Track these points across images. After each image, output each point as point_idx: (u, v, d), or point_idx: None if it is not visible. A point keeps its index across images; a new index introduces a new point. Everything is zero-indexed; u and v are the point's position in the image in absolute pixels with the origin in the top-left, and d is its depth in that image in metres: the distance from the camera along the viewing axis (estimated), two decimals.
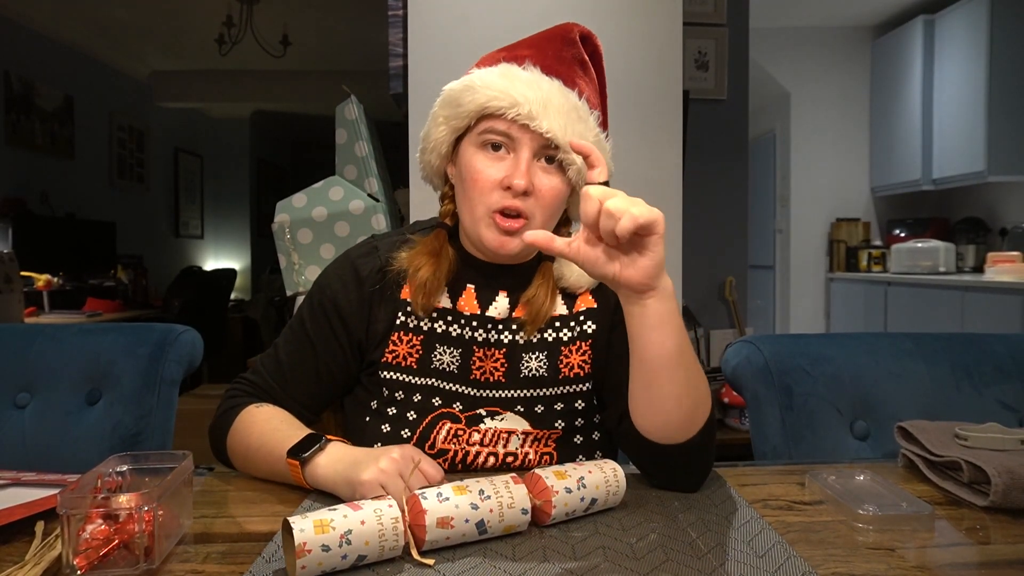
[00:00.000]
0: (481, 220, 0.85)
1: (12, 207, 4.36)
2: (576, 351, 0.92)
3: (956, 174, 4.17)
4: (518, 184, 0.81)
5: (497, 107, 0.82)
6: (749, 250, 3.36)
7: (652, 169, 1.73)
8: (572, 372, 0.91)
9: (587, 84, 0.88)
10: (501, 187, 0.83)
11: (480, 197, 0.84)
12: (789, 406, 1.07)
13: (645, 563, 0.61)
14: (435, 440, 0.87)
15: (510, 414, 0.89)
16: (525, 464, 0.89)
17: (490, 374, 0.90)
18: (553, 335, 0.92)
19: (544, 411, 0.90)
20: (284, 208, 1.82)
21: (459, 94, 0.85)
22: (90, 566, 0.58)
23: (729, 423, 2.45)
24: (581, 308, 0.94)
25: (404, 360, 0.90)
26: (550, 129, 0.81)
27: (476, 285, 0.92)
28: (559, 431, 0.90)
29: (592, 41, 0.92)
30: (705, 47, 3.12)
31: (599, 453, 0.93)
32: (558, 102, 0.82)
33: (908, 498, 0.73)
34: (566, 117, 0.82)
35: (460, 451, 0.88)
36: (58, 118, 5.05)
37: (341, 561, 0.59)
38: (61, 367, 1.13)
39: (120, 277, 4.84)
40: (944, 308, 3.78)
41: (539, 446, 0.89)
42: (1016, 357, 1.12)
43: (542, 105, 0.81)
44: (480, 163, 0.85)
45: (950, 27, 4.20)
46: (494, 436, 0.88)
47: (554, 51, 0.88)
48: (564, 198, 0.87)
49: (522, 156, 0.83)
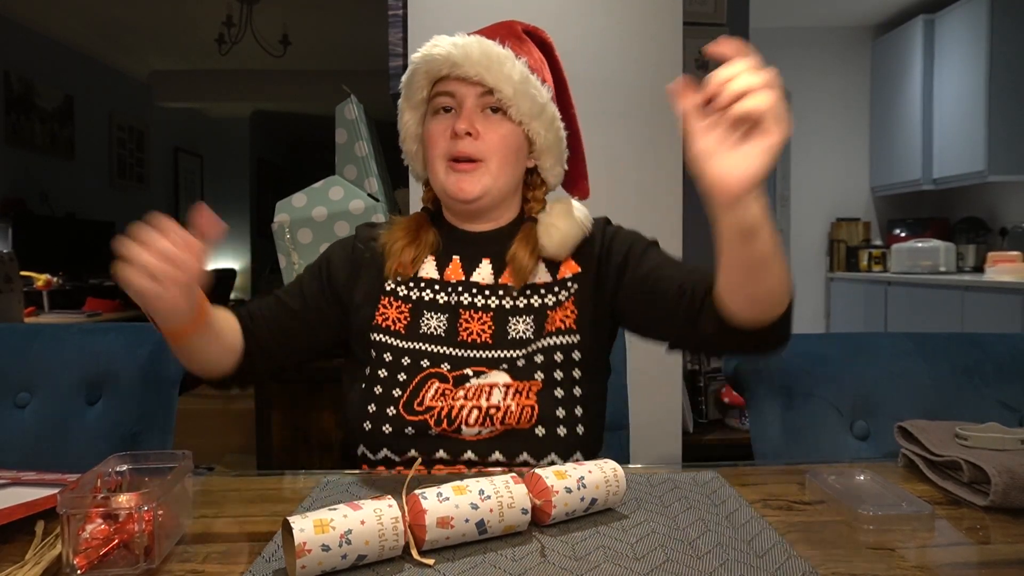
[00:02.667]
0: (440, 171, 0.95)
1: (12, 207, 4.37)
2: (560, 310, 0.97)
3: (956, 174, 4.17)
4: (460, 127, 0.93)
5: (434, 67, 0.94)
6: None
7: (652, 169, 1.73)
8: (555, 327, 0.95)
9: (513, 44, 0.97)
10: (451, 137, 0.94)
11: (435, 151, 0.96)
12: (789, 406, 1.07)
13: (645, 563, 0.61)
14: (423, 398, 0.92)
15: (495, 371, 0.93)
16: (507, 416, 0.90)
17: (477, 336, 0.95)
18: (539, 301, 0.97)
19: (525, 364, 0.93)
20: (284, 208, 1.82)
21: (409, 76, 0.99)
22: (90, 566, 0.58)
23: (729, 423, 2.45)
24: (566, 275, 0.99)
25: (393, 324, 0.97)
26: (477, 73, 0.92)
27: (461, 255, 1.00)
28: (539, 383, 0.92)
29: (538, 34, 1.03)
30: (705, 47, 3.12)
31: (579, 409, 0.93)
32: (479, 50, 0.93)
33: (908, 498, 0.73)
34: (487, 60, 0.92)
35: (446, 407, 0.91)
36: (58, 118, 5.05)
37: (341, 561, 0.59)
38: (61, 367, 1.13)
39: None
40: (944, 308, 3.78)
41: (520, 398, 0.91)
42: (1016, 357, 1.12)
43: (464, 55, 0.93)
44: (433, 124, 0.97)
45: (950, 27, 4.20)
46: (477, 391, 0.91)
47: (489, 30, 1.00)
48: (517, 141, 0.97)
49: (465, 106, 0.94)
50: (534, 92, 0.94)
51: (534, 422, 0.90)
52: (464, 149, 0.93)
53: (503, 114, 0.95)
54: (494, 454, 0.90)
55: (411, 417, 0.91)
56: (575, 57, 1.70)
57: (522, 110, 0.94)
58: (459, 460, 0.90)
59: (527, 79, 0.94)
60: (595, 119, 1.71)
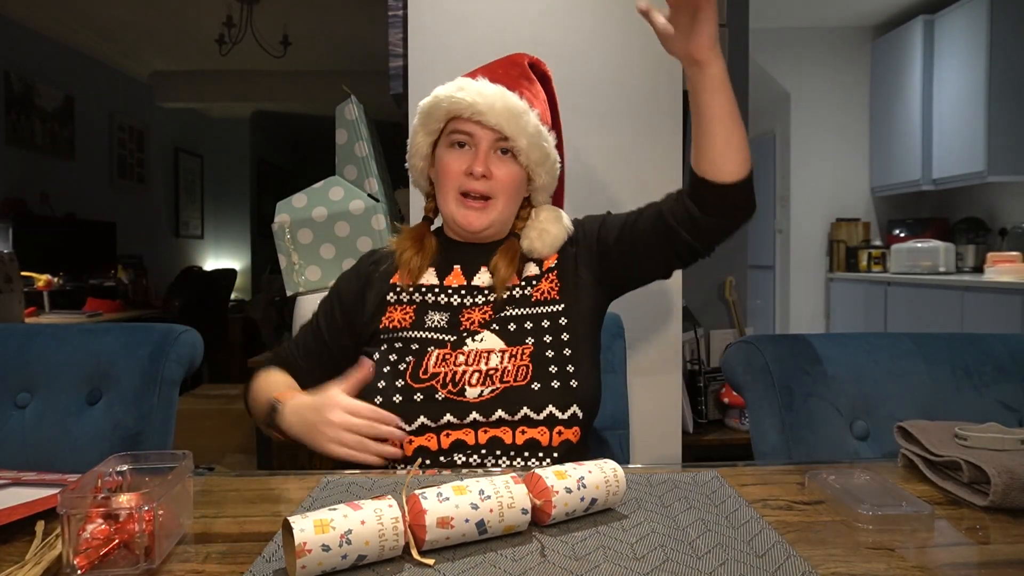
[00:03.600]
0: (452, 202, 1.08)
1: (12, 207, 4.36)
2: (545, 282, 1.10)
3: (956, 174, 4.17)
4: (477, 170, 1.05)
5: (457, 109, 1.05)
6: (749, 250, 3.36)
7: (652, 169, 1.73)
8: (542, 296, 1.08)
9: (528, 90, 1.10)
10: (465, 174, 1.06)
11: (450, 183, 1.08)
12: (789, 406, 1.07)
13: (645, 563, 0.61)
14: (427, 366, 1.01)
15: (487, 332, 1.04)
16: (504, 376, 1.00)
17: (478, 324, 1.05)
18: (530, 289, 1.10)
19: (516, 329, 1.04)
20: (284, 208, 1.82)
21: (430, 107, 1.09)
22: (90, 566, 0.58)
23: (729, 423, 2.45)
24: (551, 264, 1.12)
25: (399, 323, 1.07)
26: (497, 123, 1.04)
27: (461, 264, 1.12)
28: (531, 346, 1.03)
29: (540, 68, 1.17)
30: None
31: (571, 367, 1.02)
32: (501, 103, 1.05)
33: (908, 498, 0.73)
34: (509, 112, 1.04)
35: (449, 372, 1.00)
36: (58, 118, 5.05)
37: (341, 561, 0.59)
38: (61, 367, 1.13)
39: (120, 277, 4.84)
40: (944, 308, 3.78)
41: (516, 361, 1.01)
42: (1016, 357, 1.12)
43: (489, 105, 1.04)
44: (449, 157, 1.08)
45: (950, 27, 4.20)
46: (476, 356, 1.02)
47: (503, 69, 1.12)
48: (520, 181, 1.10)
49: (480, 148, 1.06)
50: (544, 144, 1.08)
51: (529, 379, 1.00)
52: (477, 188, 1.06)
53: (512, 156, 1.07)
54: (496, 412, 0.97)
55: (418, 384, 1.00)
56: (575, 57, 1.70)
57: (531, 158, 1.07)
58: (464, 423, 0.98)
59: (540, 132, 1.07)
60: (595, 119, 1.71)
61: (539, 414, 0.99)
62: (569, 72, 1.67)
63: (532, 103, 1.08)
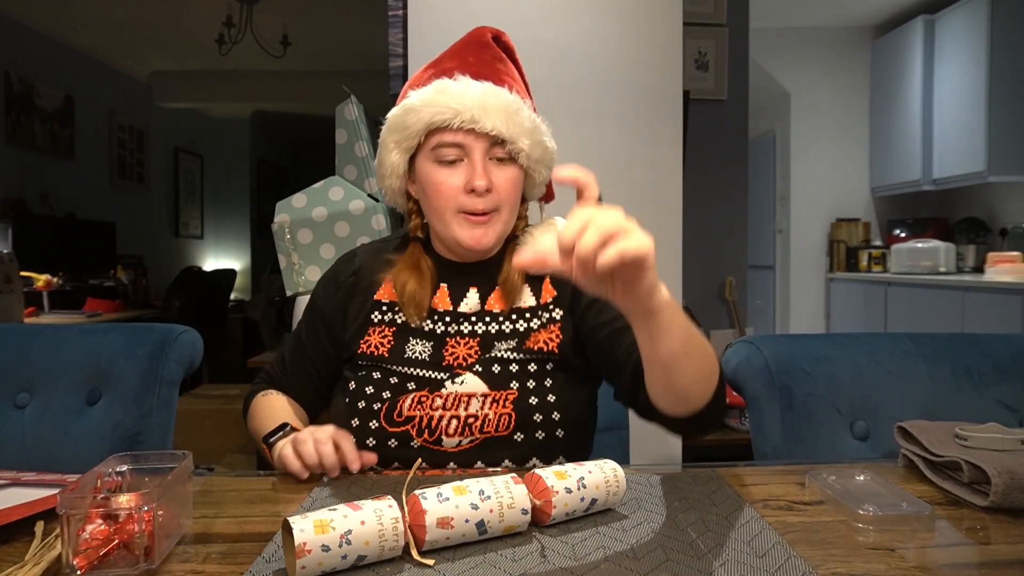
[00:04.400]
0: (452, 223, 0.94)
1: (12, 207, 4.36)
2: (544, 331, 0.97)
3: (956, 174, 4.17)
4: (479, 184, 0.90)
5: (442, 120, 0.90)
6: (749, 250, 3.36)
7: (652, 169, 1.73)
8: (536, 346, 0.96)
9: (511, 79, 0.96)
10: (464, 192, 0.92)
11: (446, 204, 0.93)
12: (789, 406, 1.07)
13: (645, 563, 0.61)
14: (401, 408, 0.92)
15: (468, 374, 0.93)
16: (485, 425, 0.91)
17: (463, 360, 0.95)
18: (524, 325, 0.98)
19: (500, 371, 0.93)
20: (284, 208, 1.82)
21: (403, 118, 0.93)
22: (90, 566, 0.58)
23: (729, 423, 2.45)
24: (548, 300, 1.00)
25: (376, 350, 0.97)
26: (494, 127, 0.90)
27: (449, 283, 1.00)
28: (515, 392, 0.92)
29: (503, 39, 1.01)
30: (705, 47, 3.12)
31: (557, 414, 0.92)
32: (494, 101, 0.90)
33: (908, 498, 0.73)
34: (504, 112, 0.91)
35: (425, 416, 0.92)
36: (58, 118, 5.05)
37: (341, 561, 0.59)
38: (61, 367, 1.13)
39: (120, 277, 4.84)
40: (944, 308, 3.78)
41: (498, 407, 0.92)
42: (1016, 357, 1.12)
43: (481, 107, 0.90)
44: (439, 175, 0.93)
45: (950, 27, 4.20)
46: (455, 400, 0.92)
47: (474, 56, 0.96)
48: (521, 185, 0.97)
49: (476, 159, 0.91)
50: (545, 140, 0.96)
51: (512, 429, 0.91)
52: (481, 206, 0.92)
53: (509, 159, 0.94)
54: (476, 464, 0.91)
55: (392, 428, 0.92)
56: (576, 57, 1.70)
57: (532, 157, 0.95)
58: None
59: (537, 126, 0.95)
60: (596, 119, 1.71)
61: (522, 464, 0.92)
62: (569, 72, 1.67)
63: (519, 92, 0.95)
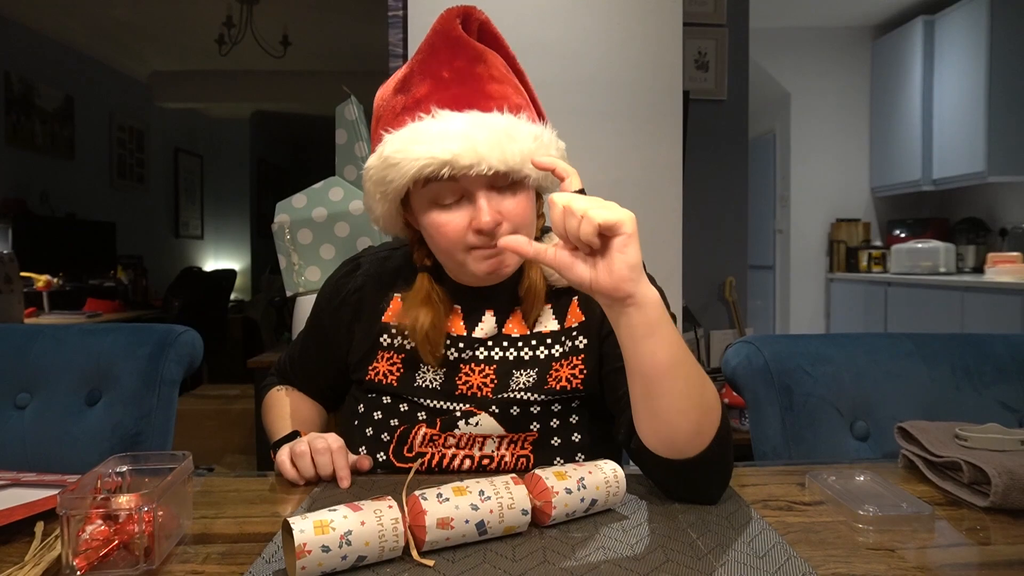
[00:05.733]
0: (466, 261, 0.84)
1: (12, 207, 4.36)
2: (567, 365, 0.90)
3: (956, 174, 4.17)
4: (487, 224, 0.79)
5: (431, 173, 0.78)
6: (749, 250, 3.36)
7: (652, 169, 1.73)
8: (559, 385, 0.88)
9: (498, 83, 0.83)
10: (472, 231, 0.81)
11: (455, 246, 0.83)
12: (789, 406, 1.07)
13: (645, 563, 0.61)
14: (412, 443, 0.89)
15: (484, 415, 0.87)
16: (501, 466, 0.88)
17: (478, 389, 0.89)
18: (545, 352, 0.90)
19: (519, 414, 0.88)
20: (284, 208, 1.82)
21: (383, 172, 0.81)
22: (90, 567, 0.58)
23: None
24: (572, 324, 0.91)
25: (384, 378, 0.92)
26: (491, 167, 0.77)
27: (463, 307, 0.92)
28: (535, 433, 0.88)
29: (474, 23, 0.85)
30: (705, 47, 3.12)
31: (581, 455, 0.88)
32: (483, 136, 0.77)
33: (908, 498, 0.73)
34: (499, 145, 0.78)
35: (437, 454, 0.88)
36: (58, 118, 5.05)
37: (341, 562, 0.59)
38: (61, 367, 1.13)
39: (120, 277, 4.84)
40: (944, 308, 3.78)
41: (515, 448, 0.88)
42: (1016, 357, 1.12)
43: (471, 149, 0.77)
44: (441, 219, 0.82)
45: (950, 27, 4.20)
46: (469, 440, 0.88)
47: (448, 69, 0.81)
48: (533, 204, 0.86)
49: (479, 198, 0.80)
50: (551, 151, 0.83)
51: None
52: (490, 243, 0.82)
53: (516, 183, 0.82)
54: None
55: (401, 464, 0.89)
56: (575, 57, 1.70)
57: (539, 173, 0.82)
58: None
59: (542, 143, 0.82)
60: (595, 119, 1.71)
61: None
62: (569, 72, 1.67)
63: (511, 103, 0.82)
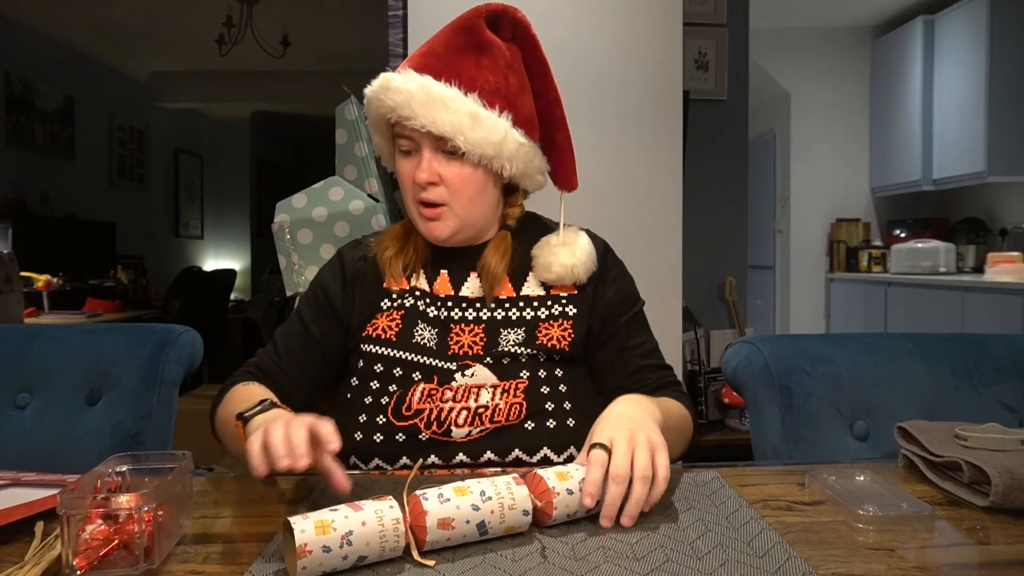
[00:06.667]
0: (413, 212, 0.97)
1: (12, 207, 4.36)
2: (556, 326, 0.97)
3: (956, 174, 4.17)
4: (420, 177, 0.92)
5: (387, 111, 0.93)
6: (749, 250, 3.36)
7: (652, 169, 1.73)
8: (550, 343, 0.95)
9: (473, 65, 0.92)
10: (415, 183, 0.94)
11: (406, 194, 0.97)
12: (789, 406, 1.07)
13: (645, 563, 0.61)
14: (411, 402, 0.92)
15: (479, 366, 0.93)
16: (496, 414, 0.91)
17: (468, 348, 0.95)
18: (531, 313, 0.98)
19: (510, 363, 0.94)
20: (284, 208, 1.82)
21: (366, 109, 0.98)
22: (90, 566, 0.58)
23: (729, 423, 2.45)
24: (561, 293, 0.99)
25: (384, 333, 0.97)
26: (423, 125, 0.89)
27: (449, 269, 1.01)
28: (525, 380, 0.93)
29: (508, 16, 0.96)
30: (705, 47, 3.12)
31: (568, 404, 0.93)
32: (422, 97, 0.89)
33: (908, 498, 0.73)
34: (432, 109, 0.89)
35: (435, 409, 0.91)
36: (58, 118, 5.05)
37: (342, 562, 0.59)
38: (61, 367, 1.13)
39: (120, 277, 4.84)
40: (944, 308, 3.78)
41: (508, 397, 0.92)
42: (1016, 357, 1.12)
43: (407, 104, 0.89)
44: (400, 165, 0.97)
45: (950, 27, 4.20)
46: (465, 391, 0.92)
47: (444, 46, 0.94)
48: (477, 180, 0.94)
49: (423, 153, 0.93)
50: (488, 131, 0.90)
51: (523, 417, 0.91)
52: (428, 197, 0.94)
53: (461, 154, 0.91)
54: (486, 454, 0.90)
55: (400, 423, 0.91)
56: (575, 57, 1.70)
57: (480, 152, 0.91)
58: (451, 464, 0.90)
59: (478, 118, 0.89)
60: (595, 119, 1.71)
61: (532, 456, 0.91)
62: (569, 72, 1.67)
63: (474, 82, 0.91)
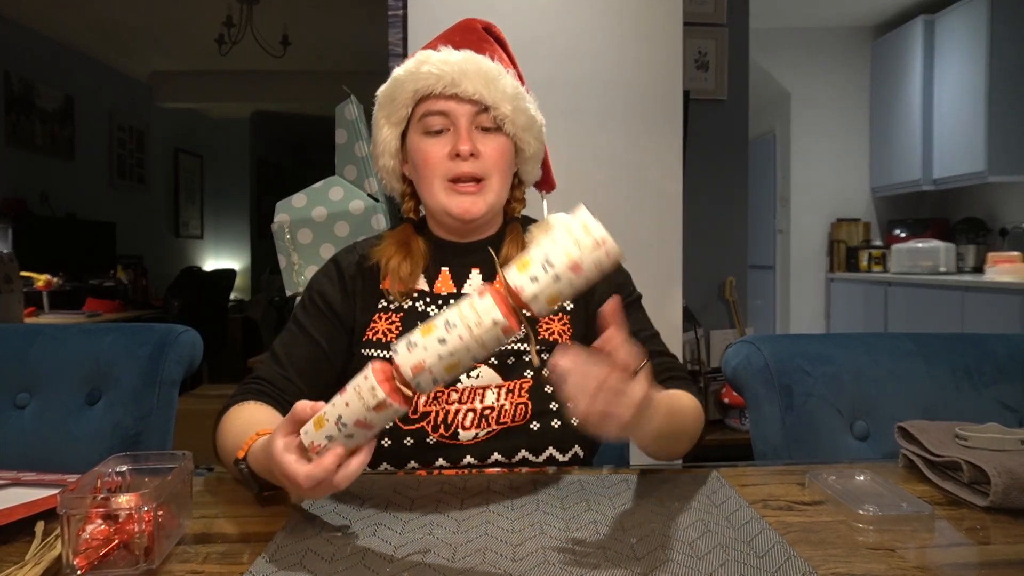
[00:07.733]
0: (441, 192, 0.95)
1: (12, 207, 4.37)
2: (557, 320, 0.98)
3: (956, 174, 4.17)
4: (464, 149, 0.92)
5: (426, 86, 0.93)
6: (749, 250, 3.36)
7: (652, 169, 1.73)
8: (552, 337, 0.96)
9: (495, 53, 0.97)
10: (450, 158, 0.93)
11: (434, 172, 0.94)
12: (789, 406, 1.07)
13: (645, 563, 0.61)
14: (417, 405, 0.91)
15: (484, 367, 0.93)
16: (502, 415, 0.91)
17: None
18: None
19: (515, 362, 0.94)
20: (284, 208, 1.82)
21: (390, 91, 0.96)
22: (90, 566, 0.58)
23: (729, 423, 2.45)
24: None
25: (384, 336, 0.95)
26: (475, 91, 0.92)
27: (450, 267, 1.00)
28: (529, 380, 0.93)
29: (493, 30, 1.03)
30: (705, 47, 3.12)
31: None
32: (472, 67, 0.92)
33: (908, 498, 0.73)
34: (484, 77, 0.92)
35: (441, 411, 0.91)
36: (58, 118, 5.05)
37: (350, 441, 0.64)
38: (61, 367, 1.13)
39: (120, 277, 4.84)
40: (944, 308, 3.78)
41: (513, 397, 0.92)
42: (1016, 357, 1.12)
43: (460, 72, 0.92)
44: (427, 145, 0.94)
45: (950, 27, 4.20)
46: (471, 393, 0.92)
47: (460, 36, 0.99)
48: (511, 154, 0.97)
49: (461, 125, 0.93)
50: (527, 106, 0.96)
51: (528, 418, 0.91)
52: (469, 170, 0.93)
53: (496, 129, 0.95)
54: (493, 455, 0.91)
55: (407, 427, 0.90)
56: (575, 57, 1.70)
57: (517, 124, 0.95)
58: (459, 466, 0.91)
59: (520, 93, 0.95)
60: (595, 119, 1.71)
61: (538, 456, 0.91)
62: (569, 72, 1.67)
63: (501, 62, 0.97)
